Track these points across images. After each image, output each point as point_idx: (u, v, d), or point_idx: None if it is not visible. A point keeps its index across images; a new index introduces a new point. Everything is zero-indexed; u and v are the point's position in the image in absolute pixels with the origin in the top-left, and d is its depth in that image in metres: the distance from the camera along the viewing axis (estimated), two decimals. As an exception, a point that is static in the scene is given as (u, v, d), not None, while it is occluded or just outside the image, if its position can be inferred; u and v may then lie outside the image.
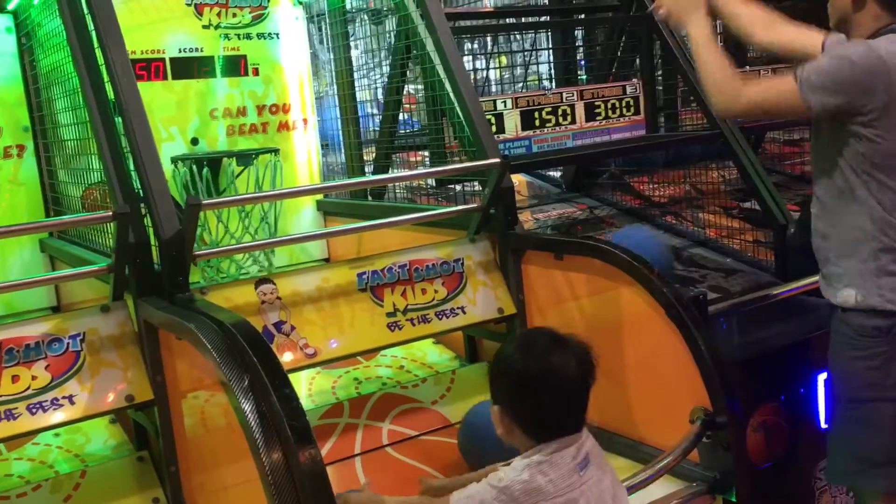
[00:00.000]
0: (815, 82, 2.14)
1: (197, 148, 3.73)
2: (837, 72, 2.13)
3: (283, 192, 3.57)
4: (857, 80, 2.11)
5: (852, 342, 2.23)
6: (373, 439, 2.66)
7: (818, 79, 2.14)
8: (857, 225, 2.21)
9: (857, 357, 2.22)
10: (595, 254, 2.57)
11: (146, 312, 2.29)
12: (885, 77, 2.10)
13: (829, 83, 2.13)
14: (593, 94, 3.85)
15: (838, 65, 2.14)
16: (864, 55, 2.13)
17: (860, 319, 2.21)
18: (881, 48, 2.14)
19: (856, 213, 2.21)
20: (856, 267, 2.22)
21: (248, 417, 1.70)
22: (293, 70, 3.97)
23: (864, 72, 2.11)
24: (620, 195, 4.39)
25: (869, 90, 2.11)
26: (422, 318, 2.76)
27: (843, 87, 2.12)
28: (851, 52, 2.16)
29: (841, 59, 2.14)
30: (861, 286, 2.21)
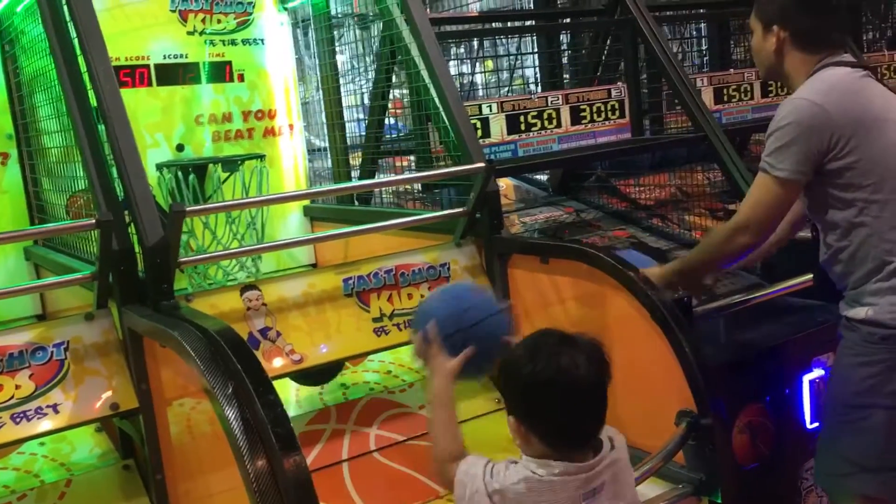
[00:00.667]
0: (782, 161, 2.18)
1: (182, 154, 3.72)
2: (789, 136, 2.17)
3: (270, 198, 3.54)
4: (809, 128, 2.15)
5: (856, 348, 2.24)
6: (360, 445, 2.66)
7: (780, 156, 2.18)
8: (868, 255, 2.22)
9: (859, 363, 2.23)
10: (580, 257, 2.57)
11: (130, 320, 2.29)
12: (825, 116, 2.15)
13: (792, 151, 2.17)
14: (579, 97, 3.86)
15: (784, 132, 2.18)
16: (797, 108, 2.18)
17: (869, 329, 2.22)
18: (804, 92, 2.20)
19: (864, 244, 2.22)
20: (873, 288, 2.23)
21: (232, 425, 1.70)
22: (279, 76, 3.97)
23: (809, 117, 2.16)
24: (607, 198, 4.41)
25: (822, 134, 2.15)
26: (408, 323, 2.75)
27: (804, 144, 2.16)
28: (785, 116, 2.20)
29: (782, 129, 2.18)
30: (873, 304, 2.22)
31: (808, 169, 2.19)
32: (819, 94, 2.18)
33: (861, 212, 2.21)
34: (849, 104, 2.18)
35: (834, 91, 2.19)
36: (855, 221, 2.22)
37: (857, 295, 2.26)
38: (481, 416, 2.84)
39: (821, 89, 2.20)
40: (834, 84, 2.21)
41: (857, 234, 2.23)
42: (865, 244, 2.22)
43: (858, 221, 2.22)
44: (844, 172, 2.18)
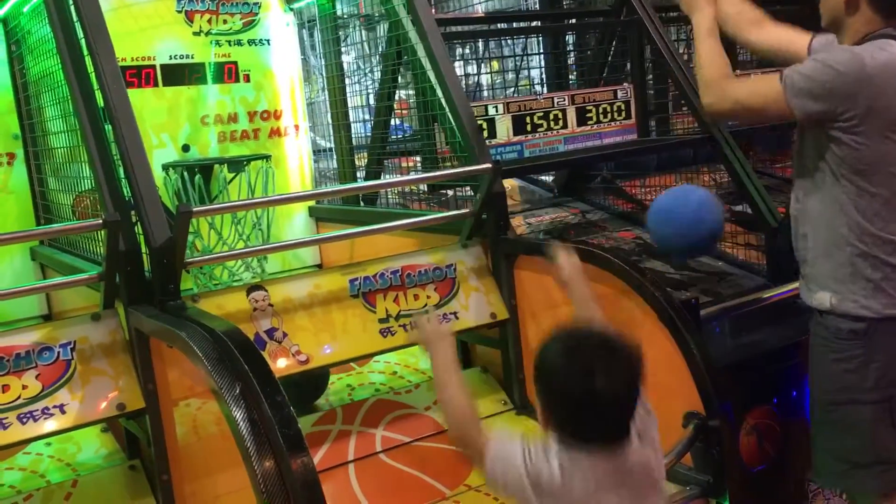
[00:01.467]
0: (800, 87, 2.14)
1: (188, 155, 3.72)
2: (821, 78, 2.13)
3: (275, 199, 3.54)
4: (839, 88, 2.12)
5: (829, 345, 2.24)
6: (366, 446, 2.65)
7: (802, 83, 2.14)
8: (834, 228, 2.21)
9: (833, 360, 2.23)
10: (588, 258, 2.56)
11: (137, 320, 2.28)
12: (867, 85, 2.11)
13: (812, 88, 2.13)
14: (585, 98, 3.85)
15: (822, 71, 2.14)
16: (848, 63, 2.13)
17: (836, 322, 2.21)
18: (865, 56, 2.14)
19: (834, 217, 2.21)
20: (832, 270, 2.22)
21: (239, 425, 1.70)
22: (284, 76, 3.97)
23: (848, 80, 2.11)
24: (613, 199, 4.40)
25: (851, 98, 2.12)
26: (415, 324, 2.75)
27: (825, 94, 2.13)
28: (836, 59, 2.16)
29: (825, 66, 2.14)
30: (836, 290, 2.21)
31: (814, 119, 2.16)
32: (876, 63, 2.12)
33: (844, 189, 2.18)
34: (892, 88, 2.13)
35: (891, 69, 2.14)
36: (834, 193, 2.19)
37: (817, 276, 2.25)
38: (488, 417, 2.84)
39: (880, 60, 2.13)
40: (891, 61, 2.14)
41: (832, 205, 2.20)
42: (836, 217, 2.20)
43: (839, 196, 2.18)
44: (843, 143, 2.15)
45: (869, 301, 2.17)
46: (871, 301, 2.17)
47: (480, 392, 2.95)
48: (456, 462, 2.59)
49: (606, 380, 1.54)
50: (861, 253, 2.18)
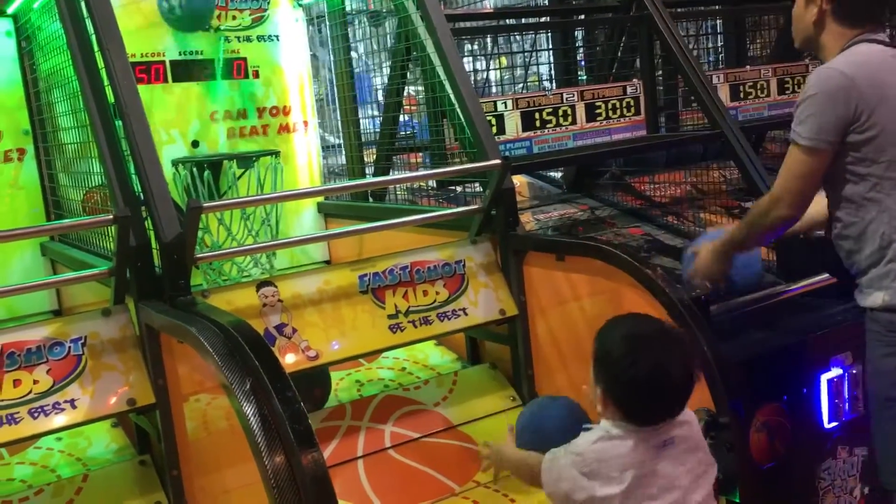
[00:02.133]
0: (808, 130, 2.19)
1: (197, 151, 3.72)
2: (816, 106, 2.17)
3: (285, 195, 3.57)
4: (834, 98, 2.16)
5: (882, 339, 2.24)
6: (375, 441, 2.66)
7: (808, 126, 2.19)
8: (878, 231, 2.23)
9: (888, 354, 2.23)
10: (597, 255, 2.56)
11: (147, 316, 2.29)
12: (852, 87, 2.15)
13: (817, 120, 2.17)
14: (594, 94, 3.85)
15: (811, 102, 2.18)
16: (825, 77, 2.18)
17: (889, 316, 2.22)
18: (836, 64, 2.20)
19: (874, 220, 2.23)
20: (883, 272, 2.23)
21: (250, 420, 1.70)
22: (293, 72, 3.97)
23: (835, 87, 2.16)
24: (622, 195, 4.39)
25: (847, 104, 2.15)
26: (423, 320, 2.75)
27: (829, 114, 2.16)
28: (813, 85, 2.20)
29: (810, 98, 2.19)
30: (888, 287, 2.22)
31: (835, 138, 2.18)
32: (849, 66, 2.18)
33: (874, 187, 2.21)
34: (878, 80, 2.18)
35: (865, 65, 2.19)
36: (867, 196, 2.23)
37: (869, 281, 2.26)
38: (497, 413, 2.84)
39: (852, 62, 2.20)
40: (866, 59, 2.21)
41: (868, 210, 2.23)
42: (875, 221, 2.23)
43: (870, 197, 2.22)
44: (862, 146, 2.19)
45: None
46: None
47: (489, 388, 2.95)
48: (465, 458, 2.60)
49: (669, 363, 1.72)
50: None
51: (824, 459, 2.76)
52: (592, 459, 1.76)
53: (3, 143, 3.39)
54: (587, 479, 1.75)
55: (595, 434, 1.80)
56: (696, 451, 1.84)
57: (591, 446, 1.77)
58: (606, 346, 1.80)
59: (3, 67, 3.38)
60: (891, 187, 2.20)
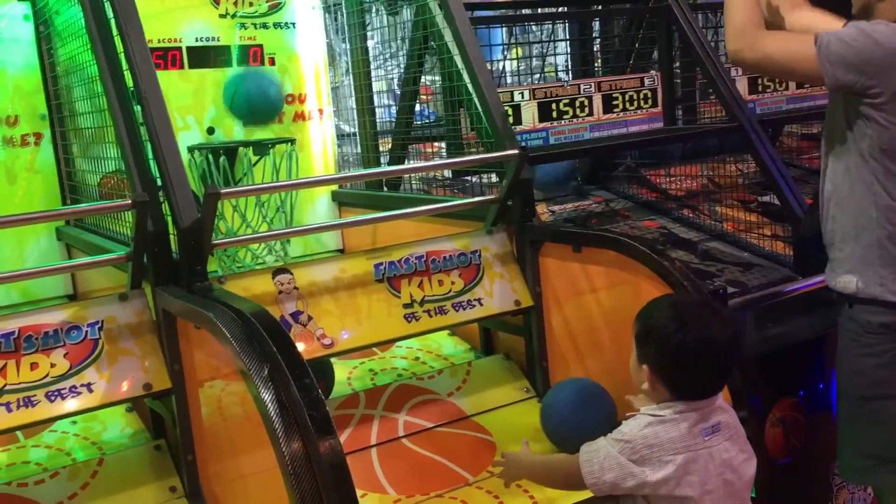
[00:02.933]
0: (835, 51, 2.09)
1: (213, 137, 3.72)
2: (858, 45, 2.08)
3: (300, 182, 3.56)
4: (874, 61, 2.07)
5: (859, 339, 2.21)
6: (388, 430, 2.66)
7: (838, 48, 2.09)
8: (862, 210, 2.17)
9: (864, 354, 2.20)
10: (614, 246, 2.55)
11: (164, 301, 2.29)
12: None
13: (847, 55, 2.08)
14: (611, 85, 3.82)
15: (861, 41, 2.08)
16: (889, 36, 2.08)
17: (867, 315, 2.18)
18: None
19: (862, 198, 2.17)
20: (859, 252, 2.19)
21: (267, 407, 1.70)
22: (309, 60, 3.96)
23: (884, 53, 2.07)
24: (637, 188, 4.37)
25: (883, 72, 2.07)
26: (439, 310, 2.75)
27: (859, 64, 2.08)
28: (877, 30, 2.10)
29: (865, 35, 2.09)
30: (863, 273, 2.17)
31: (841, 90, 2.12)
32: None
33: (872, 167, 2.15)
34: None
35: None
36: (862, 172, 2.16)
37: (843, 259, 2.22)
38: (511, 404, 2.84)
39: None
40: None
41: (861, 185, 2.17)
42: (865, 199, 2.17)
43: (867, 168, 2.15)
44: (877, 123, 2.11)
45: None
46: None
47: (503, 380, 2.94)
48: (479, 448, 2.60)
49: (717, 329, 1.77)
50: (889, 235, 2.14)
51: (839, 455, 2.75)
52: (642, 446, 1.77)
53: (20, 127, 3.40)
54: (637, 465, 1.77)
55: (643, 420, 1.82)
56: (739, 439, 1.89)
57: (641, 431, 1.79)
58: (651, 320, 1.85)
59: (21, 51, 3.37)
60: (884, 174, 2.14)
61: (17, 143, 3.40)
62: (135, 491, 2.34)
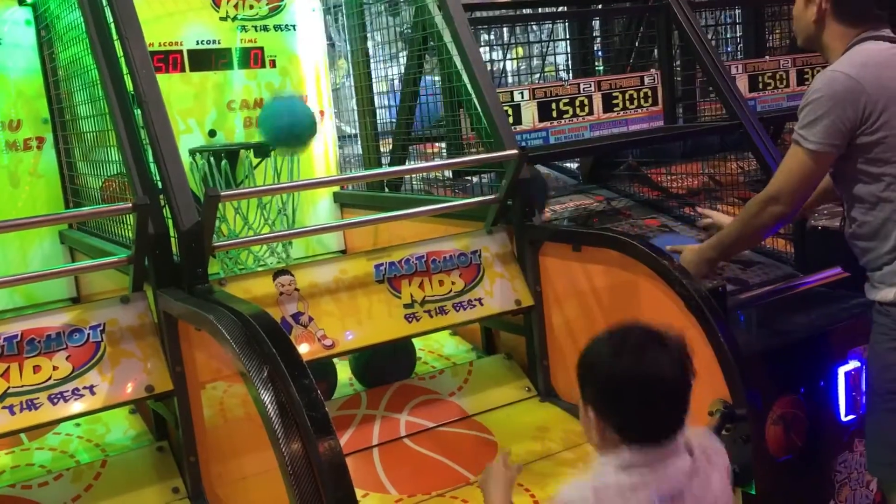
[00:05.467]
0: (813, 134, 2.18)
1: (214, 140, 3.74)
2: (821, 109, 2.17)
3: (301, 184, 3.57)
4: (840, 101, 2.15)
5: (890, 333, 2.25)
6: (390, 430, 2.67)
7: (812, 129, 2.18)
8: (893, 231, 2.23)
9: (894, 348, 2.22)
10: (614, 245, 2.55)
11: (166, 303, 2.31)
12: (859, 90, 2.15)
13: (823, 124, 2.17)
14: (611, 84, 3.83)
15: (816, 105, 2.18)
16: (830, 79, 2.18)
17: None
18: (841, 65, 2.19)
19: (889, 220, 2.23)
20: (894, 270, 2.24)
21: (267, 408, 1.71)
22: (310, 62, 3.97)
23: (841, 90, 2.15)
24: (638, 187, 4.37)
25: (855, 107, 2.15)
26: (439, 310, 2.76)
27: (835, 117, 2.16)
28: (819, 88, 2.20)
29: (816, 101, 2.18)
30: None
31: (841, 142, 2.19)
32: (854, 67, 2.18)
33: (888, 187, 2.21)
34: (884, 79, 2.18)
35: (869, 65, 2.19)
36: (881, 196, 2.23)
37: (882, 276, 2.27)
38: (512, 403, 2.85)
39: (856, 62, 2.20)
40: (870, 58, 2.20)
41: (881, 210, 2.24)
42: (890, 220, 2.23)
43: (884, 196, 2.22)
44: (874, 147, 2.19)
45: None
46: None
47: (504, 379, 2.95)
48: (480, 448, 2.61)
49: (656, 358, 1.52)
50: None
51: (841, 452, 2.76)
52: None
53: (22, 131, 3.42)
54: None
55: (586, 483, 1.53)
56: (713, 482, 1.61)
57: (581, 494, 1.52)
58: (588, 355, 1.60)
59: (23, 56, 3.39)
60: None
61: (20, 147, 3.42)
62: (138, 492, 2.35)
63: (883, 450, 2.28)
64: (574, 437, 2.62)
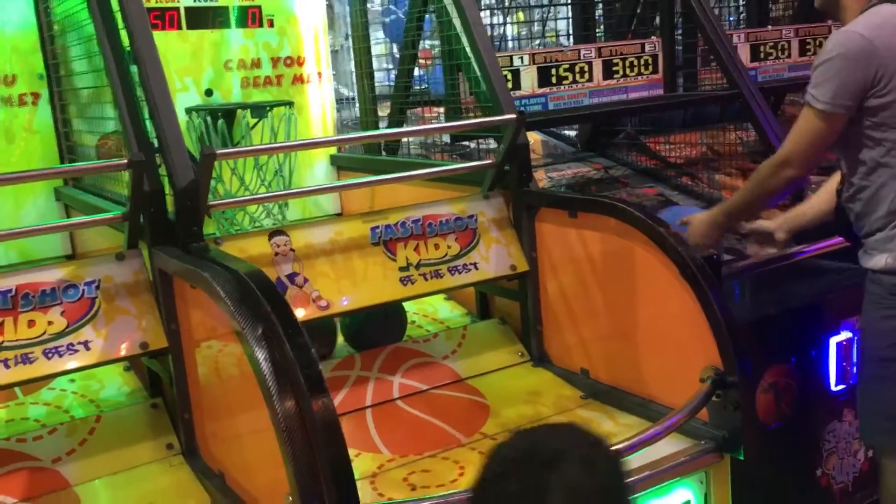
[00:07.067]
0: (824, 95, 2.18)
1: (211, 99, 3.71)
2: (832, 70, 2.16)
3: (298, 144, 3.55)
4: (851, 62, 2.14)
5: (883, 301, 2.26)
6: (384, 392, 2.68)
7: (823, 90, 2.18)
8: (888, 197, 2.23)
9: (887, 316, 2.24)
10: (610, 212, 2.55)
11: (161, 261, 2.31)
12: (871, 46, 2.13)
13: (834, 84, 2.16)
14: (612, 51, 3.80)
15: (828, 66, 2.17)
16: (843, 41, 2.16)
17: (891, 279, 2.23)
18: (855, 26, 2.18)
19: (886, 185, 2.23)
20: (891, 234, 2.24)
21: (261, 366, 1.72)
22: (308, 23, 3.92)
23: (855, 50, 2.14)
24: (636, 155, 4.36)
25: (866, 63, 2.13)
26: (434, 274, 2.76)
27: (846, 77, 2.15)
28: (828, 49, 2.19)
29: (827, 59, 2.17)
30: (893, 250, 2.23)
31: (852, 103, 2.18)
32: (869, 29, 2.16)
33: (888, 152, 2.21)
34: None
35: (885, 27, 2.17)
36: (881, 161, 2.23)
37: (875, 242, 2.28)
38: (505, 368, 2.87)
39: (872, 23, 2.18)
40: (886, 20, 2.19)
41: (880, 175, 2.24)
42: (887, 186, 2.23)
43: (884, 162, 2.22)
44: (880, 111, 2.18)
45: None
46: None
47: (498, 343, 2.97)
48: (473, 411, 2.63)
49: None
50: None
51: (830, 422, 2.78)
52: None
53: (17, 86, 3.38)
54: None
55: None
56: None
57: None
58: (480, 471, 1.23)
59: (17, 10, 3.35)
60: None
61: (15, 102, 3.38)
62: (132, 448, 2.37)
63: (878, 417, 2.30)
64: (565, 401, 2.64)
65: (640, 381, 2.53)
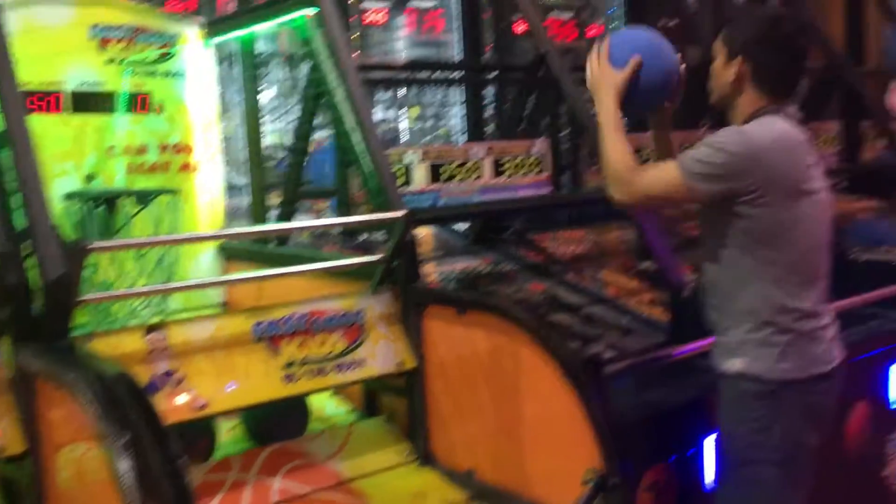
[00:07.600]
0: (697, 171, 2.24)
1: (93, 185, 3.59)
2: (715, 160, 2.23)
3: (181, 238, 3.47)
4: (735, 167, 2.22)
5: (734, 405, 2.31)
6: (261, 497, 2.56)
7: (698, 168, 2.24)
8: (744, 299, 2.30)
9: (739, 420, 2.30)
10: (496, 310, 2.58)
11: (23, 359, 2.16)
12: (760, 161, 2.22)
13: (710, 171, 2.23)
14: (501, 150, 3.91)
15: (714, 154, 2.23)
16: (738, 143, 2.24)
17: (743, 385, 2.29)
18: (754, 134, 2.26)
19: (742, 288, 2.30)
20: (742, 338, 2.31)
21: (125, 475, 1.61)
22: (199, 110, 3.88)
23: (741, 159, 2.22)
24: (524, 251, 4.45)
25: (748, 173, 2.22)
26: (319, 371, 2.70)
27: (723, 175, 2.23)
28: (725, 140, 2.26)
29: (716, 149, 2.24)
30: (745, 355, 2.29)
31: (718, 199, 2.25)
32: (766, 140, 2.23)
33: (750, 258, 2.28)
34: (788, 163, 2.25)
35: (781, 143, 2.25)
36: (741, 263, 2.29)
37: (728, 343, 2.33)
38: (390, 468, 2.80)
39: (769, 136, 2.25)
40: (782, 136, 2.26)
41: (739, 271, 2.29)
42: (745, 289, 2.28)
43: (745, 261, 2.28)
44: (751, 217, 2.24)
45: (776, 366, 2.26)
46: (777, 365, 2.26)
47: (384, 442, 2.90)
48: None
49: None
50: (768, 321, 2.27)
51: (709, 520, 2.82)
52: None
53: None
54: None
55: None
56: None
57: None
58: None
59: None
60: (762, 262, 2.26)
61: None
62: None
63: None
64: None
65: (527, 482, 2.51)
